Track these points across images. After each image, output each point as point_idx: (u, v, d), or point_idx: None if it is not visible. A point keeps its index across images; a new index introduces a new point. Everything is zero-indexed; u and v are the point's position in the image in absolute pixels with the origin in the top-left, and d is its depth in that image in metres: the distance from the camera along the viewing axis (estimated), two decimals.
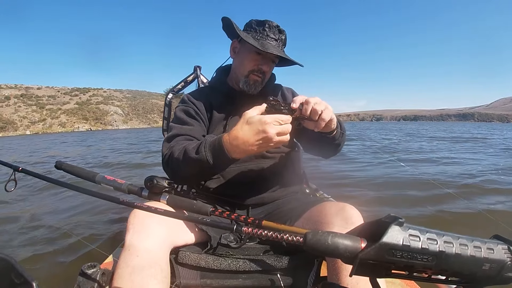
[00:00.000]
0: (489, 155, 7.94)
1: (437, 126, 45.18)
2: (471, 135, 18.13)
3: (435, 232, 0.36)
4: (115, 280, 0.73)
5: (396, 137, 16.81)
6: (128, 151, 11.11)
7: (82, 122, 56.68)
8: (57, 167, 1.11)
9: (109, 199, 0.65)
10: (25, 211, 3.45)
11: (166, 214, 0.58)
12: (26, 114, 54.39)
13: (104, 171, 6.35)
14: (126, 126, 58.08)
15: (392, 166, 5.91)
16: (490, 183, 4.29)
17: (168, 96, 1.84)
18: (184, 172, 0.97)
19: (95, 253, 2.13)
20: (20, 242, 2.54)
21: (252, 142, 0.83)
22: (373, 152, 8.24)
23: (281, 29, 1.14)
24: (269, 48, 1.07)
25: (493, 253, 0.36)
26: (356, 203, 0.92)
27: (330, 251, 0.37)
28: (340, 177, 4.85)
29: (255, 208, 1.12)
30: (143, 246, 0.78)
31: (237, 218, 0.77)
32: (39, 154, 11.65)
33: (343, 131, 1.07)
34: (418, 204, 3.33)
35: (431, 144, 11.55)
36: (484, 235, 0.39)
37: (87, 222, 2.99)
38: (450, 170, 5.45)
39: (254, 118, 0.84)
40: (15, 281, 0.40)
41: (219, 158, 0.89)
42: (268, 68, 1.14)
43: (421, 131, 24.58)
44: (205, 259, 0.93)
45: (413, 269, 0.37)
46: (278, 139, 0.83)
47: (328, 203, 0.98)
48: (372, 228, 0.38)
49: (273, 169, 1.13)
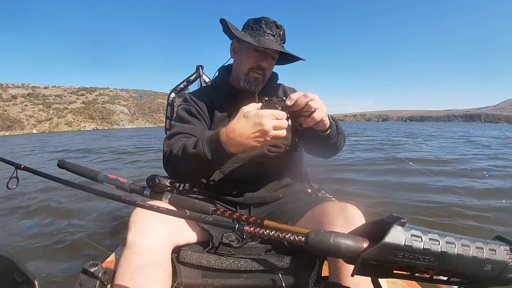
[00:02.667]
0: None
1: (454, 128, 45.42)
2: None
3: (437, 232, 0.36)
4: (117, 279, 0.74)
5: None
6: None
7: (88, 121, 56.81)
8: (60, 166, 1.11)
9: (111, 198, 0.65)
10: (27, 209, 3.47)
11: (168, 213, 0.59)
12: (33, 113, 54.58)
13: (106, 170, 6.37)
14: (132, 126, 58.18)
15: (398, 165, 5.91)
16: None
17: (170, 95, 1.85)
18: (183, 169, 0.98)
19: (97, 252, 2.14)
20: (22, 241, 2.55)
21: (248, 135, 0.85)
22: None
23: (279, 24, 1.13)
24: (266, 43, 1.07)
25: (495, 254, 0.36)
26: (358, 203, 0.92)
27: (332, 251, 0.37)
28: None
29: (257, 207, 1.12)
30: (145, 245, 0.78)
31: (239, 217, 0.77)
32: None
33: (339, 131, 1.07)
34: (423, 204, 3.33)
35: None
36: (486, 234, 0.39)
37: (89, 220, 3.00)
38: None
39: (251, 112, 0.85)
40: (17, 279, 0.40)
41: (217, 152, 0.90)
42: (267, 64, 1.14)
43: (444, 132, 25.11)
44: (206, 258, 0.93)
45: (415, 269, 0.37)
46: (274, 133, 0.84)
47: (330, 203, 0.98)
48: (374, 228, 0.38)
49: (275, 168, 1.13)
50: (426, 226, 0.36)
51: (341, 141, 1.12)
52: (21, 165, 1.06)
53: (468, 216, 2.94)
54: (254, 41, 1.07)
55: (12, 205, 3.64)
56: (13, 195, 3.88)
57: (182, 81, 1.88)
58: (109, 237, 2.59)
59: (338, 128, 1.07)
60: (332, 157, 1.19)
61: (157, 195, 0.93)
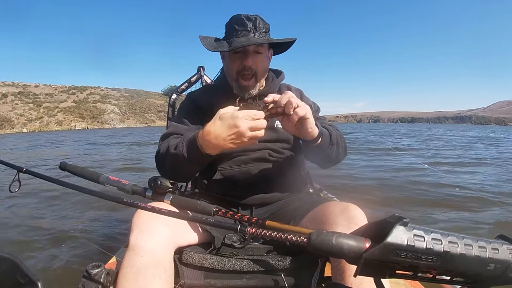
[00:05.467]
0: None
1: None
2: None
3: (439, 232, 0.36)
4: (119, 280, 0.74)
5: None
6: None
7: (79, 120, 56.20)
8: (61, 168, 1.11)
9: (113, 200, 0.65)
10: (29, 211, 3.48)
11: (170, 214, 0.59)
12: (23, 112, 53.90)
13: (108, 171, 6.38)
14: (123, 125, 57.57)
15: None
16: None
17: (172, 96, 1.85)
18: (167, 167, 1.02)
19: (100, 253, 2.15)
20: (25, 242, 2.56)
21: (224, 137, 0.85)
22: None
23: (250, 16, 1.07)
24: (237, 43, 1.02)
25: (498, 253, 0.36)
26: (360, 203, 0.92)
27: (335, 251, 0.37)
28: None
29: (258, 208, 1.12)
30: (147, 246, 0.78)
31: (241, 218, 0.78)
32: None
33: (333, 142, 1.04)
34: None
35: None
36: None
37: (91, 222, 3.00)
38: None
39: (227, 114, 0.86)
40: (20, 281, 0.40)
41: (194, 153, 0.92)
42: (252, 62, 1.07)
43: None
44: (209, 259, 0.93)
45: (418, 269, 0.37)
46: (251, 134, 0.84)
47: (332, 203, 0.97)
48: (377, 228, 0.37)
49: (277, 169, 1.12)
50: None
51: (337, 153, 1.09)
52: (23, 168, 1.06)
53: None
54: (227, 46, 1.05)
55: (14, 208, 3.65)
56: (15, 197, 3.89)
57: (183, 82, 1.89)
58: (111, 239, 2.59)
59: (332, 139, 1.04)
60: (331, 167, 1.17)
61: (159, 196, 0.93)
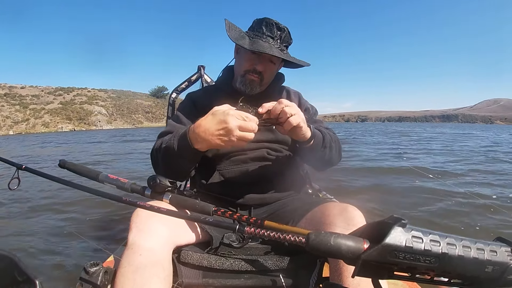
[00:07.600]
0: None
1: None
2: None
3: (438, 233, 0.36)
4: (117, 279, 0.74)
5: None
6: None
7: (65, 122, 55.10)
8: (61, 165, 1.11)
9: (112, 198, 0.65)
10: (28, 209, 3.47)
11: (169, 213, 0.59)
12: (9, 114, 52.68)
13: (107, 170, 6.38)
14: (110, 127, 56.77)
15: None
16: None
17: (172, 95, 1.86)
18: (160, 162, 1.03)
19: (98, 252, 2.15)
20: (23, 240, 2.55)
21: (212, 132, 0.86)
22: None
23: (281, 26, 1.08)
24: (259, 46, 1.03)
25: (496, 255, 0.36)
26: (358, 204, 0.92)
27: (333, 252, 0.37)
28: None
29: (257, 208, 1.12)
30: (145, 245, 0.78)
31: (240, 218, 0.77)
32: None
33: (326, 144, 1.04)
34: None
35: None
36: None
37: (90, 221, 3.00)
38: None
39: (219, 110, 0.87)
40: (18, 278, 0.40)
41: (183, 146, 0.93)
42: (263, 68, 1.10)
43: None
44: (207, 258, 0.93)
45: (416, 270, 0.37)
46: (239, 134, 0.84)
47: (331, 203, 0.97)
48: (375, 229, 0.37)
49: (276, 169, 1.13)
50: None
51: (331, 156, 1.09)
52: (22, 165, 1.06)
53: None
54: (248, 43, 1.05)
55: (13, 205, 3.64)
56: (14, 195, 3.88)
57: (183, 81, 1.89)
58: (109, 237, 2.58)
59: (326, 142, 1.04)
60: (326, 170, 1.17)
61: (158, 195, 0.93)
